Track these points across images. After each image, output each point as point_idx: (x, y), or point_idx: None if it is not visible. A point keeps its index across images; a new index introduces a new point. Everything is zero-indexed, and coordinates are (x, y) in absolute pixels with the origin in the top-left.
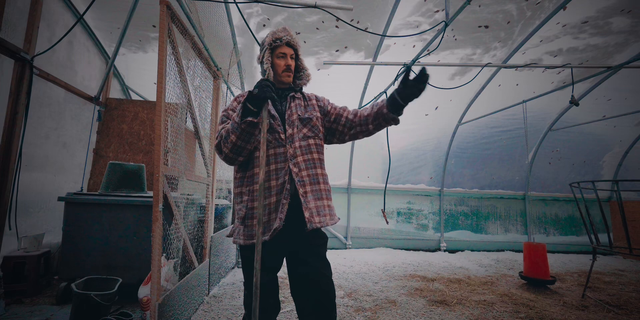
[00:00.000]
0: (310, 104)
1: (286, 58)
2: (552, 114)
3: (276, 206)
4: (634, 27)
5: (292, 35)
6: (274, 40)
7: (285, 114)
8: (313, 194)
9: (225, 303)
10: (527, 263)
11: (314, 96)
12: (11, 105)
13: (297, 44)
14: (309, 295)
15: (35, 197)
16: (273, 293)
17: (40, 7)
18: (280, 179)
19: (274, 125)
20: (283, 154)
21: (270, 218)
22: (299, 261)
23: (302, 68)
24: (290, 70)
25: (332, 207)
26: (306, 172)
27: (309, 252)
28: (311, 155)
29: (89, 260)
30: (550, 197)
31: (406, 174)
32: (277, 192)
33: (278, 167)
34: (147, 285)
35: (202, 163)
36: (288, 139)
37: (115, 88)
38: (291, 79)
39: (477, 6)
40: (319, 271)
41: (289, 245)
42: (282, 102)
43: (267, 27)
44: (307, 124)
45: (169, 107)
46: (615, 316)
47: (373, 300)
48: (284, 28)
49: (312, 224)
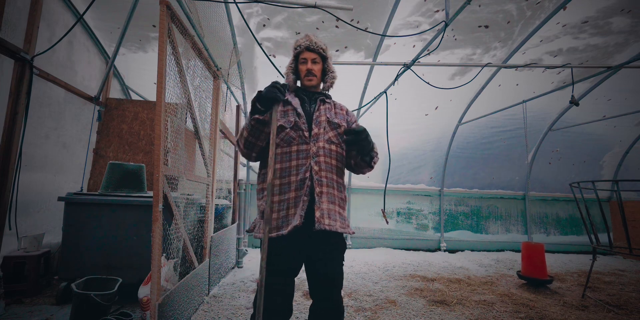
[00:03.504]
0: (341, 113)
1: (307, 63)
2: (552, 114)
3: (295, 202)
4: (634, 27)
5: (312, 40)
6: (295, 48)
7: (314, 115)
8: (327, 196)
9: (225, 303)
10: (525, 263)
11: (345, 108)
12: (11, 105)
13: (321, 48)
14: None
15: (35, 197)
16: (285, 295)
17: (40, 7)
18: (300, 175)
19: (299, 123)
20: (305, 151)
21: (289, 213)
22: (315, 264)
23: (329, 71)
24: (311, 74)
25: (344, 216)
26: (325, 173)
27: (325, 257)
28: (332, 161)
29: (89, 260)
30: (550, 197)
31: (406, 174)
32: (296, 188)
33: (299, 163)
34: (147, 285)
35: (202, 163)
36: (312, 138)
37: (115, 88)
38: (314, 82)
39: (477, 6)
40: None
41: (307, 245)
42: (312, 104)
43: (267, 27)
44: (334, 128)
45: (169, 107)
46: (615, 316)
47: (373, 300)
48: (306, 35)
49: (321, 224)
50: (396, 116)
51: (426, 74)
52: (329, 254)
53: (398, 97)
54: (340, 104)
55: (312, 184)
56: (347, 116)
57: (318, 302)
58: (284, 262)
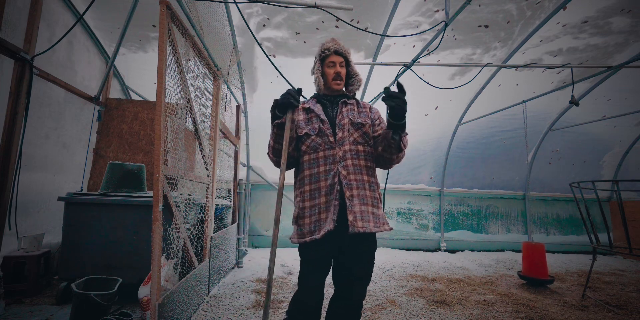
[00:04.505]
0: (364, 111)
1: (335, 66)
2: (552, 114)
3: (327, 206)
4: (634, 27)
5: (339, 44)
6: (322, 51)
7: (336, 119)
8: (359, 198)
9: (225, 303)
10: (526, 263)
11: (369, 105)
12: (11, 105)
13: (347, 52)
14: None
15: (35, 197)
16: (318, 298)
17: (40, 7)
18: (329, 181)
19: (323, 129)
20: (332, 156)
21: (321, 218)
22: (342, 267)
23: (353, 74)
24: (339, 78)
25: (378, 214)
26: (354, 176)
27: (354, 260)
28: (359, 161)
29: (89, 260)
30: (550, 197)
31: (406, 174)
32: (326, 193)
33: (327, 168)
34: (147, 285)
35: (202, 163)
36: (338, 142)
37: (115, 88)
38: (341, 86)
39: (477, 6)
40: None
41: (337, 247)
42: (334, 108)
43: (267, 27)
44: (359, 128)
45: (169, 107)
46: (615, 316)
47: (373, 300)
48: (333, 39)
49: (355, 228)
50: None
51: (426, 74)
52: (360, 254)
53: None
54: (364, 102)
55: (341, 188)
56: (371, 113)
57: (339, 299)
58: (319, 264)
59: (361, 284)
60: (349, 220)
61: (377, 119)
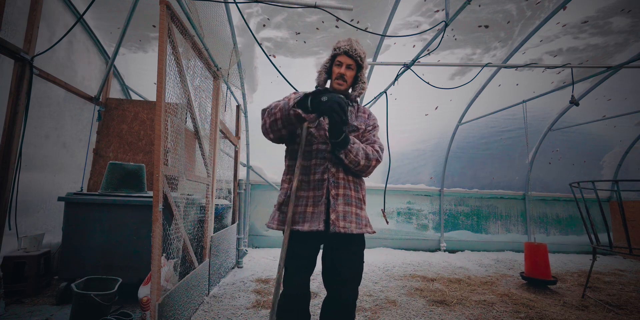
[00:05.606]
0: (362, 116)
1: (341, 67)
2: (552, 114)
3: (314, 201)
4: (634, 27)
5: (353, 46)
6: (334, 49)
7: None
8: (344, 198)
9: (225, 303)
10: (529, 263)
11: (368, 111)
12: (11, 105)
13: (359, 56)
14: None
15: (35, 197)
16: (305, 273)
17: (40, 7)
18: (317, 175)
19: (323, 123)
20: (325, 151)
21: (307, 211)
22: (331, 268)
23: (360, 80)
24: (342, 79)
25: (361, 216)
26: (342, 175)
27: (342, 261)
28: None
29: (89, 260)
30: (550, 197)
31: (406, 174)
32: (314, 187)
33: (318, 162)
34: (147, 285)
35: (202, 163)
36: None
37: (115, 88)
38: (343, 87)
39: (477, 6)
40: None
41: (319, 245)
42: None
43: (267, 27)
44: (353, 131)
45: (169, 107)
46: (615, 316)
47: (373, 300)
48: (349, 39)
49: (336, 227)
50: (396, 116)
51: (426, 74)
52: (347, 255)
53: (398, 97)
54: (364, 108)
55: (328, 185)
56: (368, 119)
57: (330, 300)
58: (301, 255)
59: (351, 285)
60: (331, 219)
61: (370, 125)
